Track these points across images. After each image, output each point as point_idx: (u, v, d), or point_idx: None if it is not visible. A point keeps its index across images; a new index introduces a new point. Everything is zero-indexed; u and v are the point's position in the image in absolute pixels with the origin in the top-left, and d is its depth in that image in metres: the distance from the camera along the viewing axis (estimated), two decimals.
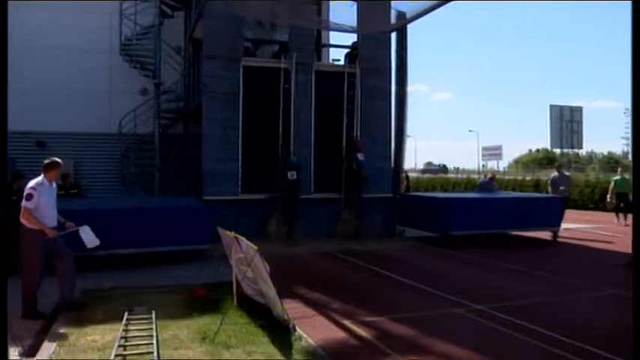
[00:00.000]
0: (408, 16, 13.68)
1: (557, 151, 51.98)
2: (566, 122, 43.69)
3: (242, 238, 5.97)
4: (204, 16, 12.69)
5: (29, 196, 6.36)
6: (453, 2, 11.98)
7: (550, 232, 13.38)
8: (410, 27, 14.31)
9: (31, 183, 6.49)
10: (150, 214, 9.58)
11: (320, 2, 14.74)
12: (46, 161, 6.69)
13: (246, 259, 5.90)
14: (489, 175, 16.57)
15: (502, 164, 54.33)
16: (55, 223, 6.55)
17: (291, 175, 12.36)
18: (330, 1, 15.09)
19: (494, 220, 12.42)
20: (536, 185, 24.42)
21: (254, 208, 12.21)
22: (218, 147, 12.33)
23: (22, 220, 6.36)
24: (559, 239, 13.25)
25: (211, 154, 12.29)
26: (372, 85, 13.73)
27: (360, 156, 13.07)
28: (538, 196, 15.87)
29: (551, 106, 44.09)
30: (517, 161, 73.43)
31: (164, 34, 16.29)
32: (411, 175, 40.23)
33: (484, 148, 55.75)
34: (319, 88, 13.32)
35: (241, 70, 12.61)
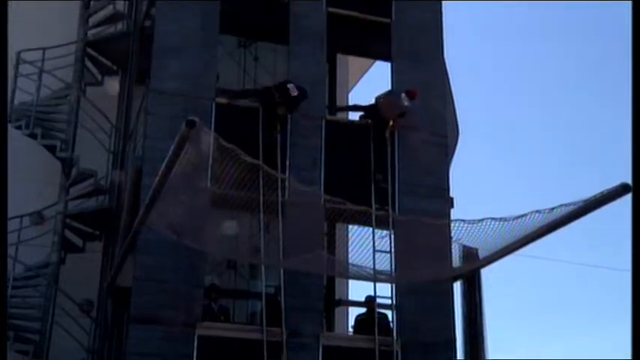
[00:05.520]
0: (482, 254, 13.89)
1: None
2: None
3: None
4: (138, 249, 13.20)
5: None
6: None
7: None
8: (486, 272, 15.04)
9: None
10: None
11: (333, 231, 15.63)
12: None
13: None
14: None
15: None
16: None
17: None
18: (356, 228, 15.44)
19: None
20: None
21: None
22: None
23: None
24: None
25: None
26: None
27: None
28: None
29: None
30: None
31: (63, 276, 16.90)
32: None
33: None
34: None
35: (196, 343, 13.00)
